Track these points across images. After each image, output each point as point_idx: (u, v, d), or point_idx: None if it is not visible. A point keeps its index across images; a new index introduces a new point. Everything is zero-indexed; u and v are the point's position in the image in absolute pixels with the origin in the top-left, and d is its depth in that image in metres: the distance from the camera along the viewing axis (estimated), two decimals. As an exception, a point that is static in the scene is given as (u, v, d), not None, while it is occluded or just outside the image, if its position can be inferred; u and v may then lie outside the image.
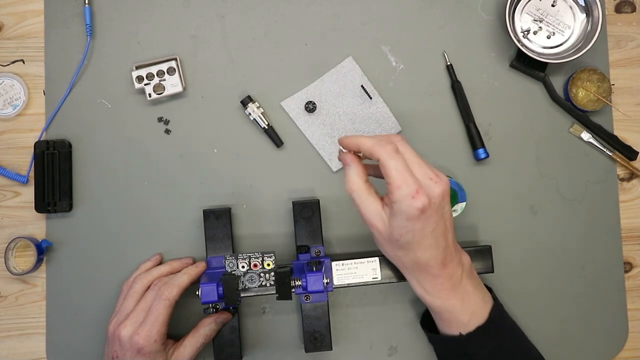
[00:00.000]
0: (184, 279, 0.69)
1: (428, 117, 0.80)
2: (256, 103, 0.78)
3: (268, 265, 0.66)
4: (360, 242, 0.78)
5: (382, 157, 0.59)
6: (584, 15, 0.79)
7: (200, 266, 0.72)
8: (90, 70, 0.78)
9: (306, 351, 0.73)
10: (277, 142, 0.78)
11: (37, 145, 0.76)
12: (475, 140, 0.78)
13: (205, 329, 0.70)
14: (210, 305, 0.69)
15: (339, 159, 0.64)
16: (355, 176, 0.62)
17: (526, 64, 0.79)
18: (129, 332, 0.66)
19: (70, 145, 0.77)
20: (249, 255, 0.66)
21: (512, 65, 0.80)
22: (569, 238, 0.80)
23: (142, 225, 0.77)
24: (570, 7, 0.79)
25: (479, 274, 0.74)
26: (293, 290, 0.69)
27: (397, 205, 0.58)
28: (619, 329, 0.80)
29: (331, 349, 0.74)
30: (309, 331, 0.73)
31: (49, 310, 0.77)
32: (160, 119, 0.78)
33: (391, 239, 0.61)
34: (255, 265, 0.66)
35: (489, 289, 0.71)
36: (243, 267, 0.66)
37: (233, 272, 0.66)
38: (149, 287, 0.70)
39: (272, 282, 0.67)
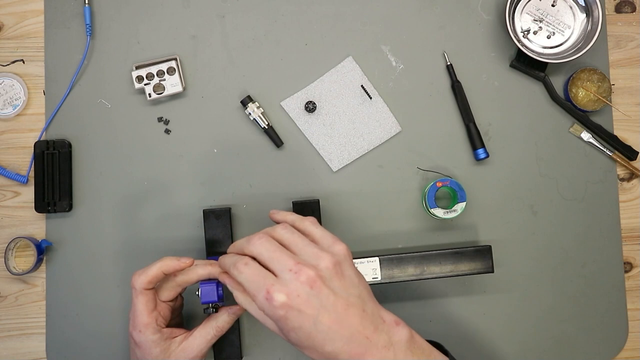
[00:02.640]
0: (155, 266, 0.64)
1: (428, 117, 0.80)
2: (256, 103, 0.78)
3: None
4: (360, 242, 0.78)
5: (237, 279, 0.57)
6: (584, 15, 0.79)
7: (182, 262, 0.64)
8: (90, 70, 0.78)
9: (306, 351, 0.73)
10: (277, 142, 0.78)
11: (37, 145, 0.76)
12: (475, 140, 0.78)
13: (218, 320, 0.67)
14: (210, 305, 0.69)
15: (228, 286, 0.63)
16: (238, 292, 0.60)
17: (526, 64, 0.79)
18: (130, 324, 0.65)
19: (70, 145, 0.77)
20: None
21: (512, 65, 0.80)
22: (569, 238, 0.80)
23: (142, 225, 0.77)
24: (570, 7, 0.79)
25: (478, 273, 0.74)
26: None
27: (265, 313, 0.55)
28: (619, 329, 0.80)
29: (331, 349, 0.74)
30: (309, 331, 0.73)
31: (49, 310, 0.77)
32: (160, 119, 0.78)
33: (296, 345, 0.56)
34: None
35: (439, 346, 0.61)
36: None
37: None
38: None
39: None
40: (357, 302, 0.55)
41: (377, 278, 0.72)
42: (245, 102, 0.77)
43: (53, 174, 0.76)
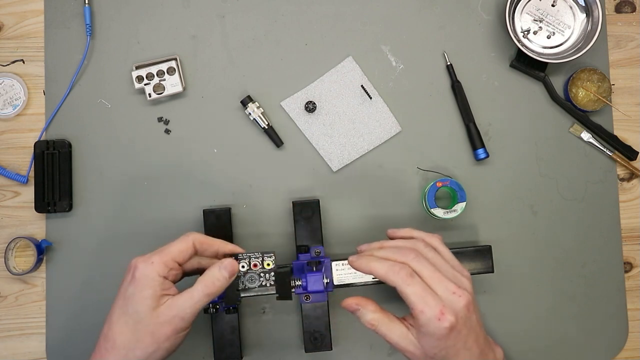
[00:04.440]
0: (219, 240, 0.65)
1: (428, 117, 0.80)
2: (256, 103, 0.78)
3: (268, 265, 0.66)
4: (360, 242, 0.78)
5: (398, 285, 0.58)
6: (584, 15, 0.79)
7: (237, 248, 0.67)
8: (90, 70, 0.78)
9: (306, 351, 0.73)
10: (277, 142, 0.78)
11: (37, 145, 0.76)
12: (475, 140, 0.78)
13: (206, 276, 0.61)
14: (210, 305, 0.69)
15: (343, 307, 0.62)
16: (371, 313, 0.61)
17: (526, 64, 0.79)
18: (138, 258, 0.61)
19: (70, 145, 0.77)
20: (249, 255, 0.66)
21: (512, 65, 0.80)
22: (569, 238, 0.80)
23: (142, 225, 0.77)
24: (570, 7, 0.79)
25: (478, 273, 0.74)
26: (293, 290, 0.69)
27: (425, 328, 0.58)
28: (619, 329, 0.80)
29: (331, 349, 0.74)
30: (309, 331, 0.73)
31: (49, 310, 0.77)
32: (160, 119, 0.78)
33: (427, 357, 0.60)
34: (255, 265, 0.66)
35: None
36: (243, 267, 0.66)
37: None
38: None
39: (272, 282, 0.67)
40: (481, 321, 0.62)
41: (377, 278, 0.72)
42: (245, 102, 0.77)
43: (53, 174, 0.76)
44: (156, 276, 0.60)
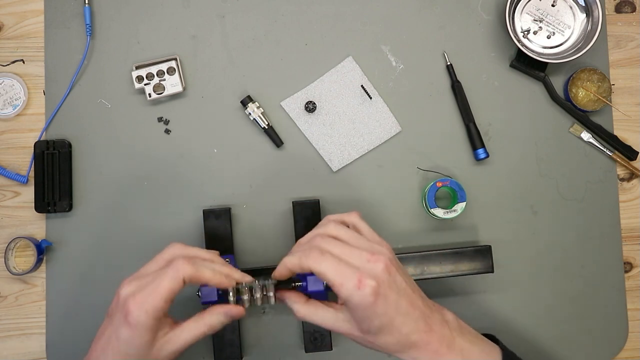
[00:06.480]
0: (209, 270, 0.60)
1: (428, 117, 0.80)
2: (256, 103, 0.78)
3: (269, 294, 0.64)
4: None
5: (313, 267, 0.57)
6: (584, 15, 0.79)
7: (229, 278, 0.62)
8: (90, 70, 0.78)
9: (306, 351, 0.73)
10: (277, 142, 0.78)
11: (37, 145, 0.76)
12: (475, 140, 0.78)
13: (212, 317, 0.61)
14: (210, 305, 0.69)
15: (279, 300, 0.62)
16: (298, 304, 0.61)
17: (526, 64, 0.79)
18: (127, 292, 0.58)
19: (70, 145, 0.77)
20: (251, 287, 0.63)
21: (512, 65, 0.80)
22: (569, 238, 0.80)
23: (142, 225, 0.77)
24: (570, 7, 0.80)
25: (478, 273, 0.74)
26: (293, 290, 0.69)
27: (350, 301, 0.56)
28: (619, 329, 0.80)
29: (331, 349, 0.74)
30: (309, 331, 0.73)
31: (49, 310, 0.77)
32: (160, 119, 0.78)
33: (365, 332, 0.58)
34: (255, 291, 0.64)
35: (493, 337, 0.64)
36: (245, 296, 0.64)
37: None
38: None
39: (273, 293, 0.66)
40: (416, 286, 0.60)
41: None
42: (245, 102, 0.77)
43: (53, 174, 0.76)
44: (153, 323, 0.57)
